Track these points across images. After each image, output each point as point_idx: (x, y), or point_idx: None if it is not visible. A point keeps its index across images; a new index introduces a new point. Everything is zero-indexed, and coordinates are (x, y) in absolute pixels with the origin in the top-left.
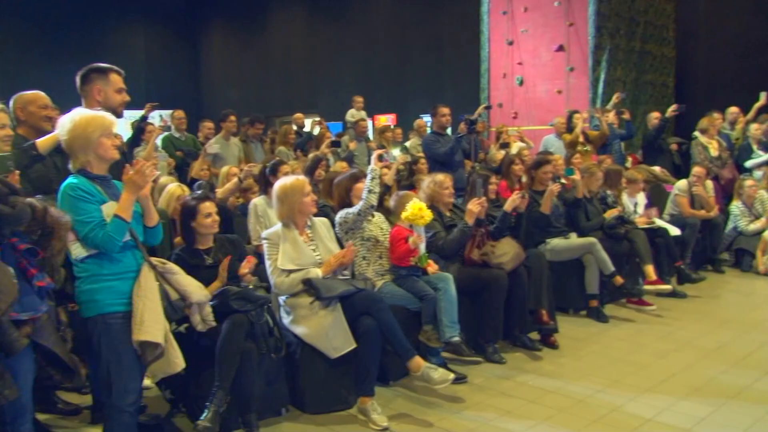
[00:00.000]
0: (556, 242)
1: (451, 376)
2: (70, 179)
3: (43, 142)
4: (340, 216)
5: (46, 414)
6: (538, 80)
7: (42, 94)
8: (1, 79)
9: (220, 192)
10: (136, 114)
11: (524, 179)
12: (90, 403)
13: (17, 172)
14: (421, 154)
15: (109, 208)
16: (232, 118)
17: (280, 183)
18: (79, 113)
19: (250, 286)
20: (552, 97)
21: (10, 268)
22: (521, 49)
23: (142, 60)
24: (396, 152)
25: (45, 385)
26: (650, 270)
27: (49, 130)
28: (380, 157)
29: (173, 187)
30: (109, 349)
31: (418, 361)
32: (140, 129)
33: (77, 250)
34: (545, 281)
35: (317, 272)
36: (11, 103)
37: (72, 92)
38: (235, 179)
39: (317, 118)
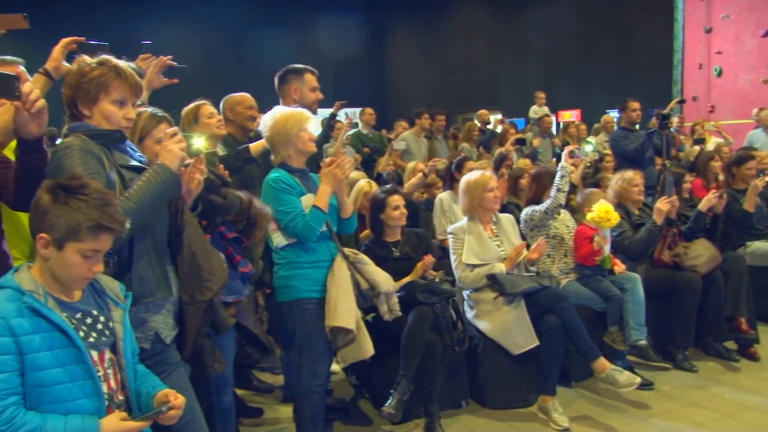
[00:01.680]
0: (758, 245)
1: (638, 380)
2: (273, 173)
3: (255, 146)
4: (525, 213)
5: (242, 390)
6: (739, 70)
7: (248, 95)
8: (203, 84)
9: (405, 187)
10: (326, 112)
11: (721, 177)
12: (282, 383)
13: (221, 165)
14: (608, 151)
15: (307, 200)
16: (426, 115)
17: (466, 177)
18: (278, 111)
19: (436, 279)
20: (756, 87)
21: (222, 254)
22: (721, 36)
23: (329, 59)
24: (588, 148)
25: (243, 364)
26: None
27: (253, 128)
28: (571, 154)
29: (363, 184)
30: (302, 332)
31: (603, 362)
32: (330, 126)
33: (278, 239)
34: (744, 287)
35: (501, 267)
36: (221, 104)
37: (266, 92)
38: (420, 174)
39: (499, 116)
